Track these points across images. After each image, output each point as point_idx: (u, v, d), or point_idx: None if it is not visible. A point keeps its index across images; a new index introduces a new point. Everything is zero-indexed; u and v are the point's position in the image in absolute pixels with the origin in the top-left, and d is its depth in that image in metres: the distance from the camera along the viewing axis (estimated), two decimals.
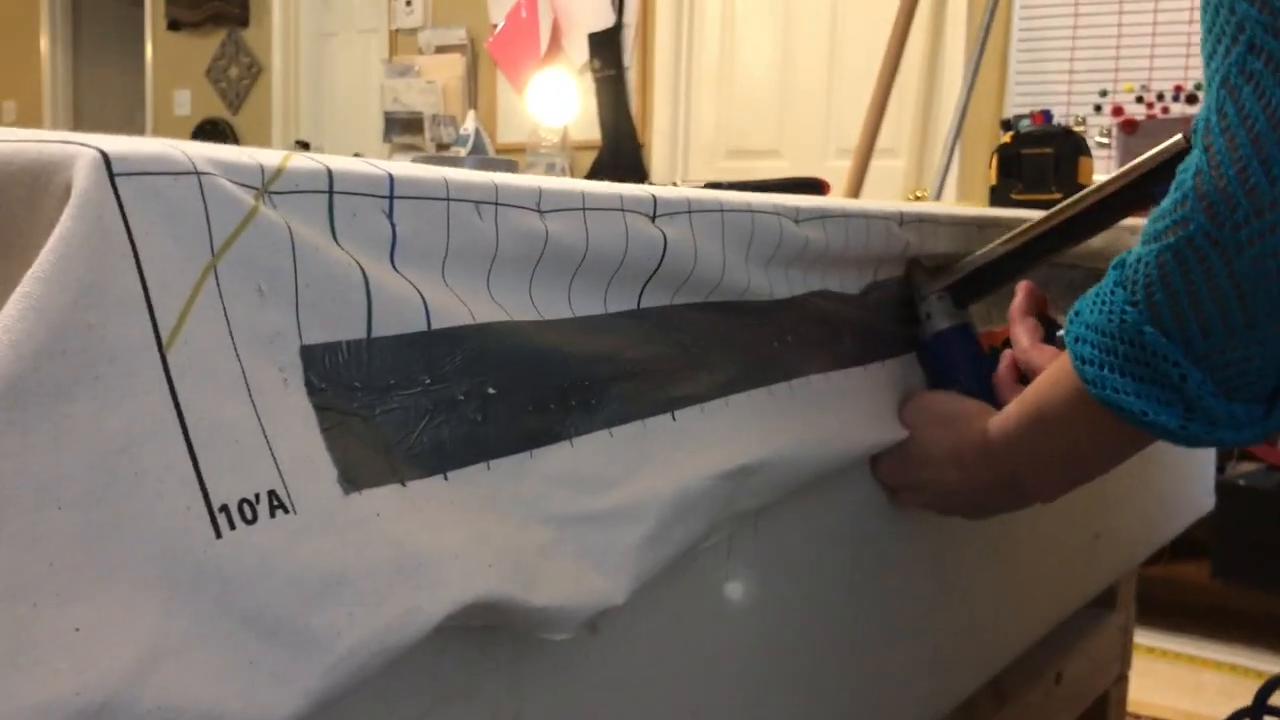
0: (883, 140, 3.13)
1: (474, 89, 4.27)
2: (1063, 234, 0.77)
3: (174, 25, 5.06)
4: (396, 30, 4.45)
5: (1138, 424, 0.56)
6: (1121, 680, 1.50)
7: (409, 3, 4.38)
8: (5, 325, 0.30)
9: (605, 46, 3.92)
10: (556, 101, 3.41)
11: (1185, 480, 1.44)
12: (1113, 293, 0.56)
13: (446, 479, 0.43)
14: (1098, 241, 1.00)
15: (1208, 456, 1.53)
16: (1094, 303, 0.57)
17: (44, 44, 5.59)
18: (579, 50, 3.98)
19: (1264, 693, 1.29)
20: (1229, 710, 1.27)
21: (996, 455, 0.68)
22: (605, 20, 3.93)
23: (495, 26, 4.16)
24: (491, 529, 0.44)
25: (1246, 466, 2.59)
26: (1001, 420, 0.68)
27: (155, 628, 0.32)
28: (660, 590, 0.56)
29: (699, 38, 3.85)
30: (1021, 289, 0.77)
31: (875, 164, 3.06)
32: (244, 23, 4.88)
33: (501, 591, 0.43)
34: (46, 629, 0.30)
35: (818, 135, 3.59)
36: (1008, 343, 0.77)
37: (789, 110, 3.67)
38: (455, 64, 4.27)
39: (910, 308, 0.80)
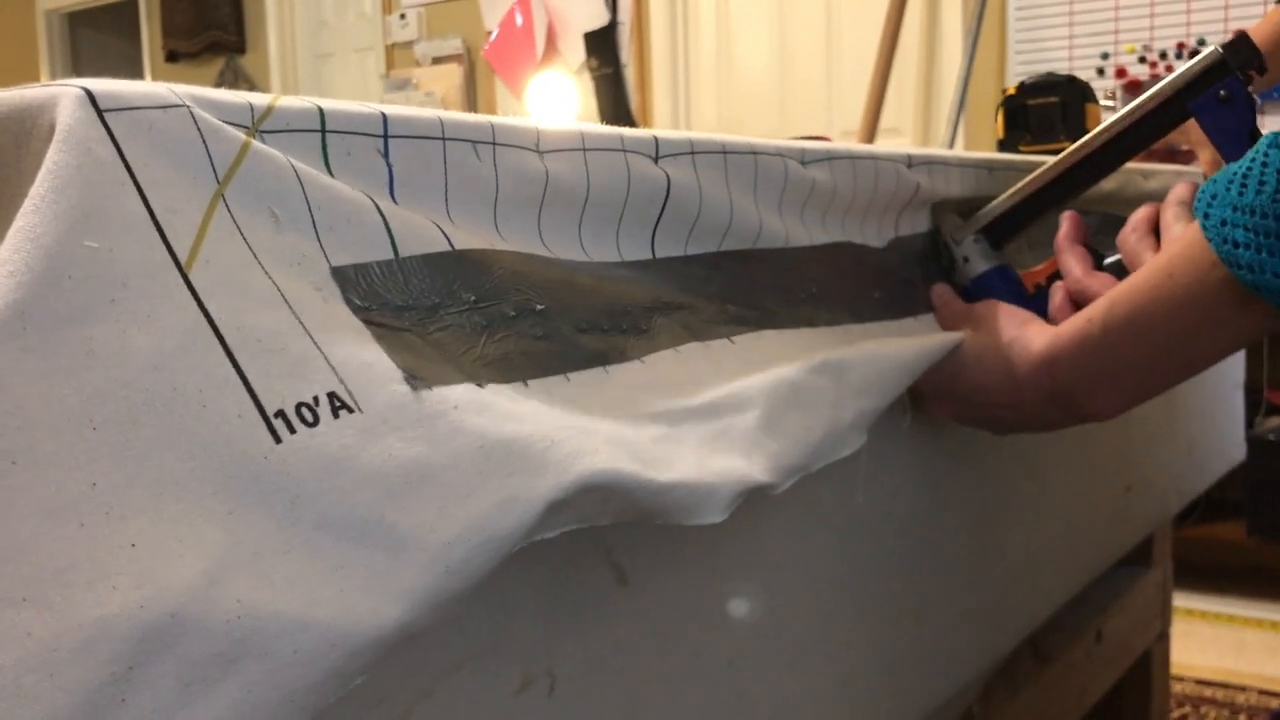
0: (886, 119, 3.12)
1: (473, 97, 4.28)
2: (1099, 162, 0.74)
3: (172, 57, 5.08)
4: (392, 45, 4.45)
5: None
6: (1163, 638, 1.49)
7: (403, 17, 4.38)
8: (2, 259, 0.29)
9: (601, 45, 3.92)
10: (556, 103, 3.41)
11: (1214, 430, 1.42)
12: None
13: (527, 385, 0.41)
14: (1110, 184, 0.99)
15: (1236, 405, 1.51)
16: (1244, 183, 0.54)
17: (43, 80, 5.62)
18: (575, 50, 3.98)
19: None
20: (1276, 667, 1.25)
21: (1065, 364, 0.65)
22: (600, 19, 3.93)
23: (490, 34, 4.17)
24: (592, 422, 0.42)
25: (1275, 421, 2.57)
26: (1079, 325, 0.64)
27: (221, 540, 0.30)
28: (695, 538, 0.55)
29: (694, 30, 3.84)
30: (1067, 218, 0.74)
31: (880, 143, 3.04)
32: (241, 49, 4.91)
33: (616, 469, 0.40)
34: (99, 545, 0.29)
35: (820, 119, 3.57)
36: (1052, 279, 0.75)
37: (789, 97, 3.66)
38: (453, 74, 4.27)
39: (937, 260, 0.79)
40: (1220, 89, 0.67)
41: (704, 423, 0.47)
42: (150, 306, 0.31)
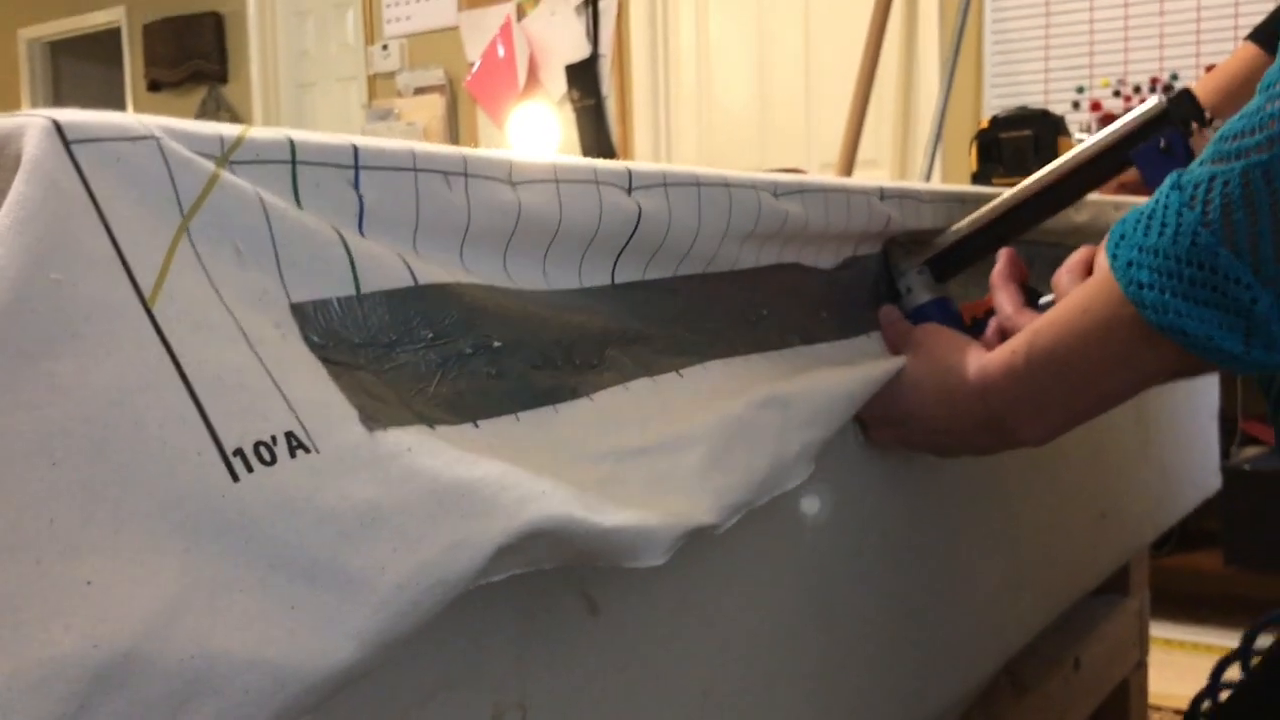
0: (864, 151, 3.14)
1: (455, 127, 4.29)
2: (1042, 203, 0.77)
3: (154, 86, 5.09)
4: (374, 75, 4.47)
5: (1202, 349, 0.54)
6: (1141, 667, 1.49)
7: (385, 47, 4.40)
8: None
9: (583, 77, 3.95)
10: (538, 134, 3.42)
11: (1189, 460, 1.43)
12: (1180, 214, 0.53)
13: (477, 426, 0.42)
14: (1082, 217, 1.00)
15: (1211, 435, 1.52)
16: (1148, 224, 0.55)
17: (24, 109, 5.61)
18: (557, 82, 4.00)
19: (1217, 671, 1.28)
20: None
21: (994, 392, 0.66)
22: (581, 51, 3.95)
23: (472, 65, 4.19)
24: (540, 464, 0.42)
25: (1251, 451, 2.58)
26: (1005, 356, 0.66)
27: (177, 578, 0.30)
28: (666, 568, 0.55)
29: (675, 62, 3.87)
30: (1003, 255, 0.76)
31: (858, 174, 3.07)
32: (223, 79, 4.91)
33: (562, 514, 0.40)
34: (54, 584, 0.29)
35: (799, 151, 3.60)
36: (989, 315, 0.76)
37: (769, 129, 3.69)
38: (435, 104, 4.29)
39: (888, 284, 0.80)
40: (1161, 139, 0.70)
41: (649, 462, 0.47)
42: (113, 341, 0.31)
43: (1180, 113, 0.69)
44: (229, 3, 4.84)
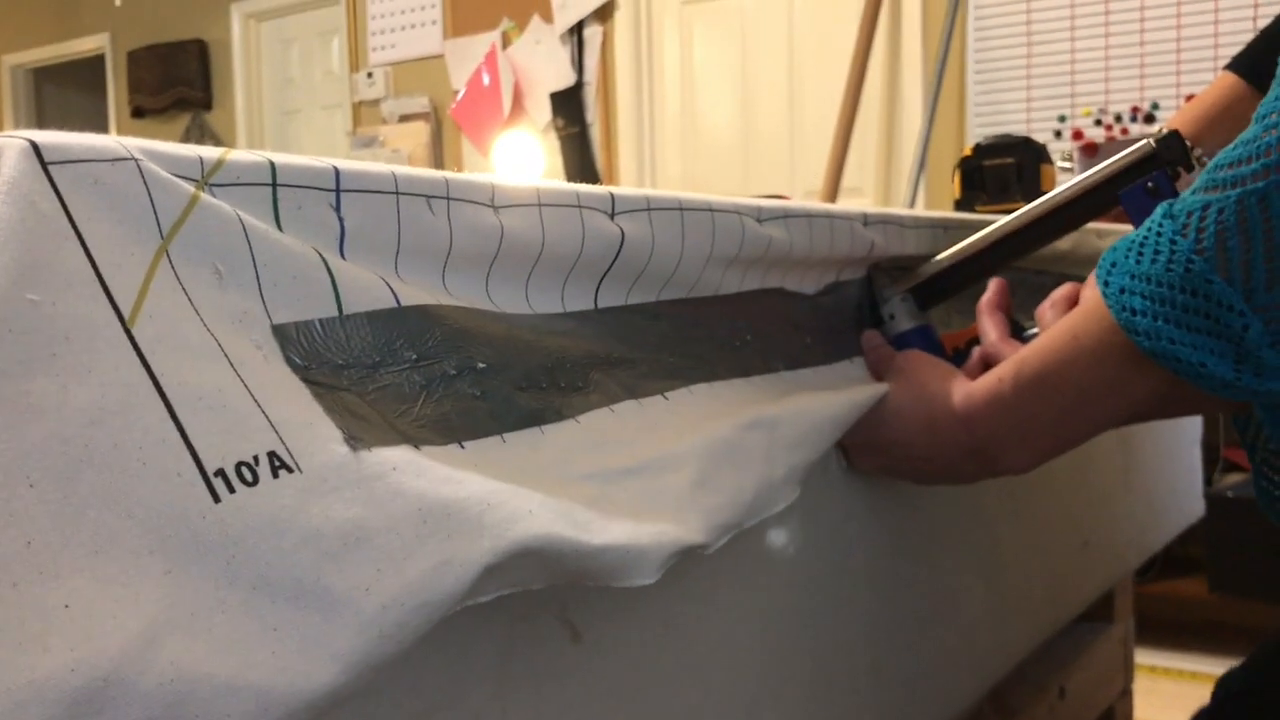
0: (848, 179, 3.16)
1: (439, 154, 4.30)
2: (1026, 238, 0.77)
3: (138, 113, 5.09)
4: (359, 102, 4.48)
5: (1194, 376, 0.54)
6: (1126, 695, 1.48)
7: (370, 75, 4.41)
8: None
9: (567, 105, 3.96)
10: (522, 161, 3.43)
11: (1172, 487, 1.44)
12: (1173, 242, 0.54)
13: (463, 447, 0.41)
14: (1065, 244, 1.01)
15: (1194, 462, 1.52)
16: (1140, 252, 0.55)
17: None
18: (542, 110, 4.02)
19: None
20: None
21: (979, 420, 0.66)
22: (566, 79, 3.97)
23: (457, 93, 4.20)
24: (526, 484, 0.41)
25: (1234, 478, 2.59)
26: (991, 383, 0.65)
27: (158, 600, 0.30)
28: (649, 595, 0.54)
29: (659, 91, 3.89)
30: (994, 284, 0.76)
31: (842, 201, 3.08)
32: (207, 105, 4.92)
33: (550, 533, 0.40)
34: (31, 607, 0.28)
35: (783, 179, 3.61)
36: (971, 344, 0.77)
37: (753, 156, 3.71)
38: (420, 131, 4.30)
39: (871, 309, 0.80)
40: (1149, 181, 0.70)
41: (637, 483, 0.47)
42: (91, 361, 0.31)
43: (1169, 155, 0.70)
44: (213, 30, 4.85)
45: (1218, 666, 2.47)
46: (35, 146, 0.32)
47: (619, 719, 0.54)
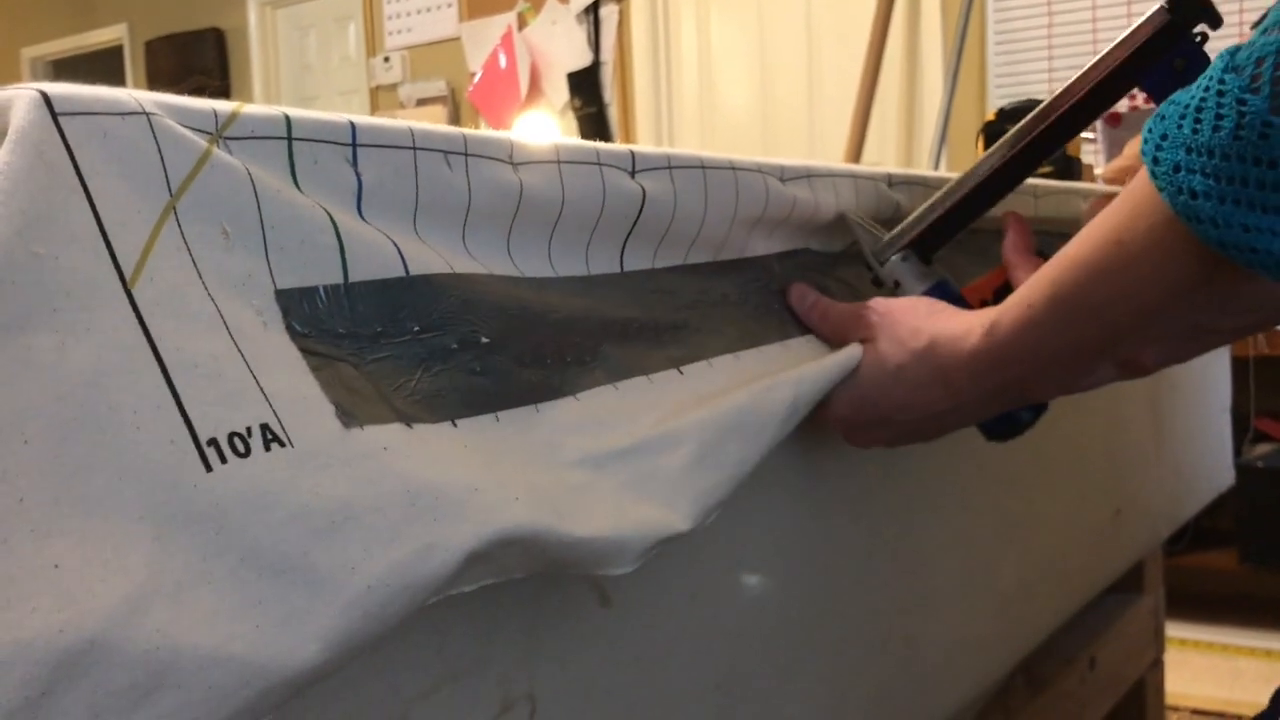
0: (868, 153, 3.14)
1: None
2: (1034, 150, 0.65)
3: None
4: (377, 87, 4.47)
5: (1277, 272, 0.43)
6: (1157, 666, 1.47)
7: (387, 59, 4.41)
8: None
9: (585, 85, 3.95)
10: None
11: (1202, 455, 1.42)
12: (1241, 100, 0.42)
13: (455, 425, 0.41)
14: (1049, 207, 0.96)
15: (1224, 431, 1.51)
16: (1198, 118, 0.44)
17: None
18: (559, 91, 4.00)
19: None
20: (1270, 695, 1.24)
21: (1009, 356, 0.56)
22: (583, 59, 3.95)
23: (474, 75, 4.19)
24: (514, 469, 0.41)
25: (1264, 448, 2.56)
26: (1019, 310, 0.55)
27: (146, 566, 0.30)
28: (678, 561, 0.54)
29: (677, 69, 3.87)
30: (1012, 224, 0.67)
31: None
32: (226, 94, 4.92)
33: (534, 522, 0.40)
34: (21, 565, 0.28)
35: (803, 155, 3.58)
36: (1000, 293, 0.66)
37: (772, 133, 3.68)
38: (437, 115, 4.29)
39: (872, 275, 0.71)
40: (1175, 58, 0.58)
41: (630, 465, 0.46)
42: (91, 319, 0.31)
43: (1188, 15, 0.57)
44: (230, 18, 4.85)
45: (1249, 639, 2.46)
46: (45, 97, 0.31)
47: (648, 684, 0.53)
